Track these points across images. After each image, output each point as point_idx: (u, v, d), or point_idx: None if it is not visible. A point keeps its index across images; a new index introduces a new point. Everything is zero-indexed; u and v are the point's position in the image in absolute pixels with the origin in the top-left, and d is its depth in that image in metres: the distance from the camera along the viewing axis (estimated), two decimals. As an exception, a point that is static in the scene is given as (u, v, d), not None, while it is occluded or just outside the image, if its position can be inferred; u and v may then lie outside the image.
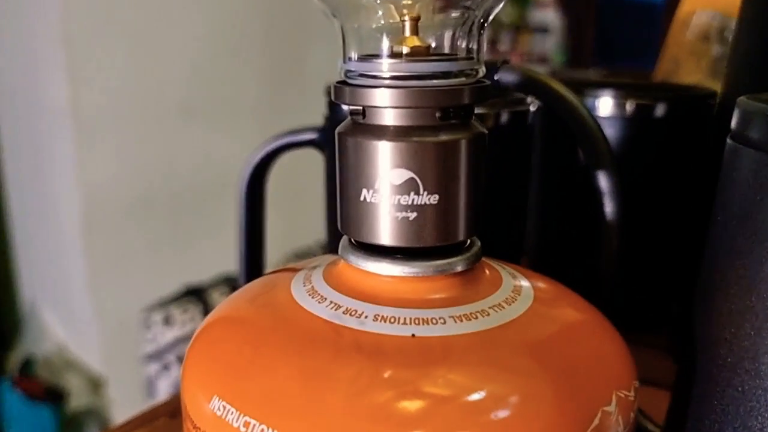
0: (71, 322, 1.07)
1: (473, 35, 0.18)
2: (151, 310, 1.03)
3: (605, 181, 0.22)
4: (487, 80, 0.17)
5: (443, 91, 0.16)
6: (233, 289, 0.24)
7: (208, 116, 1.06)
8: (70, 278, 1.03)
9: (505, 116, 0.28)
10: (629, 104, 0.32)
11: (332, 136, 0.18)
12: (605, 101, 0.33)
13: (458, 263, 0.17)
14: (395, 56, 0.17)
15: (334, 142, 0.18)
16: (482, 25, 0.18)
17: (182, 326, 1.04)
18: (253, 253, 0.33)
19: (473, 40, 0.18)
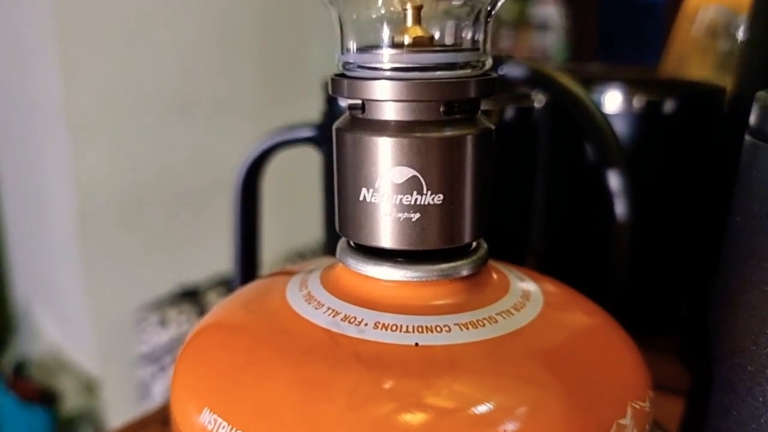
0: (65, 323, 1.06)
1: (479, 25, 0.17)
2: (146, 310, 1.02)
3: (616, 180, 0.21)
4: (493, 73, 0.17)
5: (448, 83, 0.15)
6: (229, 290, 0.23)
7: (203, 114, 1.05)
8: (64, 279, 1.03)
9: (509, 112, 0.27)
10: (637, 100, 0.32)
11: (330, 132, 0.17)
12: (612, 97, 0.32)
13: (464, 267, 0.17)
14: (396, 47, 0.16)
15: (331, 138, 0.17)
16: (489, 13, 0.17)
17: (178, 327, 1.03)
18: (248, 253, 0.33)
19: (479, 30, 0.17)
